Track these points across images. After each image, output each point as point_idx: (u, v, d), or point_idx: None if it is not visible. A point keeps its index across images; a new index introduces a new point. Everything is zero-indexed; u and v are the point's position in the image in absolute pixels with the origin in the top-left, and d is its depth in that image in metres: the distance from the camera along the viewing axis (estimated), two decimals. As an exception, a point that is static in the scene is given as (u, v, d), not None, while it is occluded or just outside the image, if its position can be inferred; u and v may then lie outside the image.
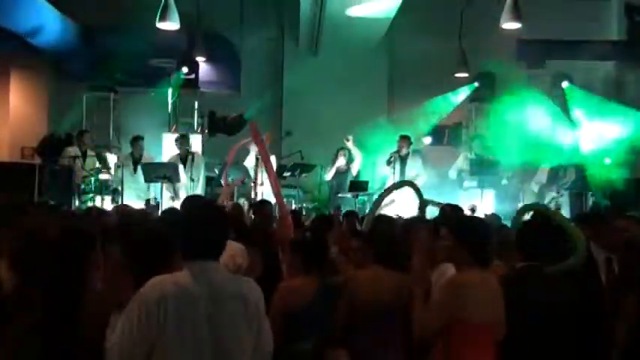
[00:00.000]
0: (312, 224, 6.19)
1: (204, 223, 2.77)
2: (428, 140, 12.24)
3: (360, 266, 4.16)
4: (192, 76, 11.78)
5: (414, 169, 10.72)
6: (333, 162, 11.04)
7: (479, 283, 3.40)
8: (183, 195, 9.66)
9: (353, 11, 10.79)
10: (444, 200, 10.25)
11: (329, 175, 11.07)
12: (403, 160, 10.69)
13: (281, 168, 10.72)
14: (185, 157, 10.31)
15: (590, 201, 9.93)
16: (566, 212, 9.09)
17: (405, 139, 10.77)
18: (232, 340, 2.67)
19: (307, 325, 3.76)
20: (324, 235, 4.72)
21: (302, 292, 3.83)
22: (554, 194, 10.43)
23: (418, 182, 10.50)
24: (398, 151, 10.66)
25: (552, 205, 9.61)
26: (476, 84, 12.29)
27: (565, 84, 11.93)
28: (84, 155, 10.52)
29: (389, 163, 10.59)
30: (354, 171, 11.00)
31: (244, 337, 2.70)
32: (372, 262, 3.96)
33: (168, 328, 2.56)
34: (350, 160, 11.02)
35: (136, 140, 10.80)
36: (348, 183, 10.71)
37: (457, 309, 3.32)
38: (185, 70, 11.64)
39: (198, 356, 2.61)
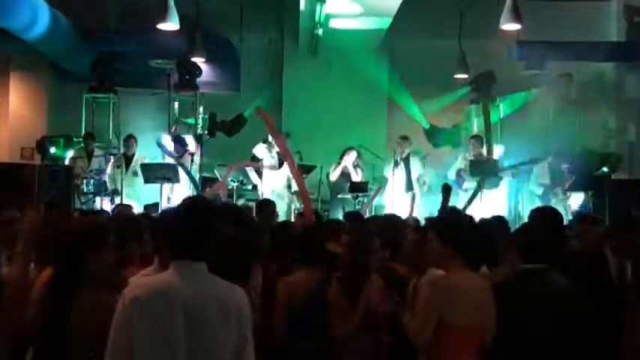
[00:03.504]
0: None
1: (189, 223, 2.79)
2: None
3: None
4: (192, 76, 11.79)
5: (416, 169, 10.84)
6: (339, 162, 10.73)
7: (464, 285, 3.40)
8: None
9: (353, 11, 10.80)
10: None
11: (334, 176, 10.73)
12: (405, 160, 10.73)
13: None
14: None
15: (591, 202, 9.91)
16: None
17: (405, 140, 10.83)
18: (210, 343, 2.67)
19: (308, 319, 3.77)
20: (322, 229, 4.69)
21: (304, 286, 3.85)
22: (561, 196, 10.39)
23: (424, 183, 10.72)
24: (400, 152, 10.69)
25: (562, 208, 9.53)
26: (475, 85, 12.28)
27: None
28: (89, 156, 10.59)
29: (397, 164, 10.63)
30: (357, 177, 10.68)
31: (223, 341, 2.69)
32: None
33: (142, 329, 2.60)
34: (360, 166, 10.80)
35: (129, 139, 10.87)
36: (347, 184, 10.68)
37: (442, 311, 3.33)
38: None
39: (172, 357, 2.62)
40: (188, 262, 2.73)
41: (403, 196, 10.73)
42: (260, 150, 10.74)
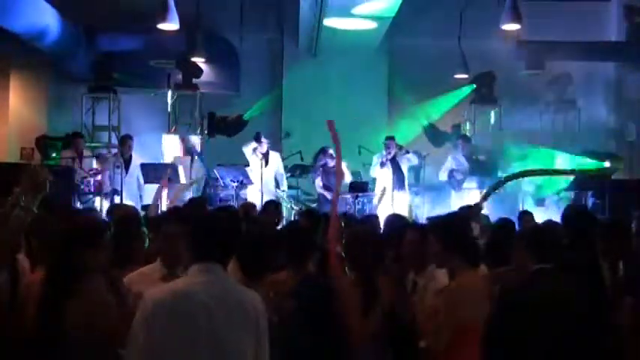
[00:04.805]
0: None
1: (213, 226, 2.84)
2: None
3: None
4: (192, 76, 11.79)
5: (405, 165, 10.77)
6: (317, 166, 10.55)
7: (476, 285, 3.46)
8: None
9: (353, 12, 10.80)
10: (442, 202, 10.39)
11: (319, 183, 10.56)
12: (393, 160, 10.68)
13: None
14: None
15: (590, 202, 9.90)
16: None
17: (391, 140, 10.77)
18: (231, 346, 2.70)
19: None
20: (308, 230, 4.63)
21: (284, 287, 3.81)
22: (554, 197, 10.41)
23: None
24: (387, 153, 10.65)
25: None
26: (475, 85, 12.29)
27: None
28: (80, 156, 10.51)
29: (382, 165, 10.59)
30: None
31: (244, 344, 2.74)
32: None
33: (164, 330, 2.64)
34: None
35: (125, 139, 10.75)
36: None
37: (464, 315, 3.38)
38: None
39: (194, 358, 2.66)
40: (210, 264, 2.76)
41: (395, 196, 10.62)
42: (247, 150, 10.56)
